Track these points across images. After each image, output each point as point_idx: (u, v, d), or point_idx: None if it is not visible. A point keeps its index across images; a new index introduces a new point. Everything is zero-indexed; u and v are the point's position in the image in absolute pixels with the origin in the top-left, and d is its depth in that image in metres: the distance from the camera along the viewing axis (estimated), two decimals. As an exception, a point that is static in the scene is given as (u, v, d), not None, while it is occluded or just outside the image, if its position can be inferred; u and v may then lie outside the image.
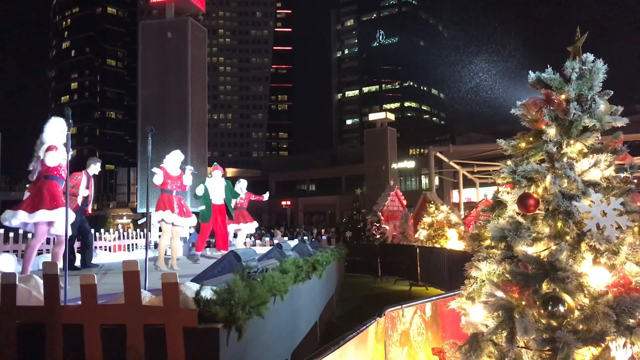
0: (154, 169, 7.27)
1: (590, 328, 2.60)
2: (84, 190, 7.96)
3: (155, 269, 7.06)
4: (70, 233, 5.23)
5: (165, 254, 7.89)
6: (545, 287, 2.72)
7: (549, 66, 3.11)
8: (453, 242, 14.24)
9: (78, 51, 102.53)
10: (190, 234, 15.75)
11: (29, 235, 10.37)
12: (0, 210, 5.60)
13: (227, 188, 9.39)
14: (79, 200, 7.92)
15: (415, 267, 13.35)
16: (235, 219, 10.51)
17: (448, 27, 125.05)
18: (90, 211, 8.44)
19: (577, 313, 2.66)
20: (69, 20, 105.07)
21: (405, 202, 24.20)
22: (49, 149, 5.46)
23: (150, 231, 6.46)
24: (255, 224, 11.25)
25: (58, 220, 5.38)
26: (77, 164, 8.14)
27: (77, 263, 8.33)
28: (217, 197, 9.23)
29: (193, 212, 8.02)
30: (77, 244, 8.63)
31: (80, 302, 3.27)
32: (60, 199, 5.46)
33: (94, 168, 8.18)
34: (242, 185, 11.17)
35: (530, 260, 2.79)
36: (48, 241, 10.72)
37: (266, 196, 11.67)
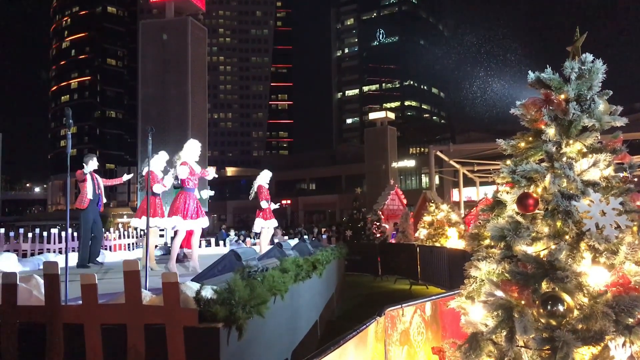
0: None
1: (590, 327, 2.61)
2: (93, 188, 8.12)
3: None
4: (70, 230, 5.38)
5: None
6: (544, 286, 2.72)
7: (548, 66, 3.11)
8: (453, 241, 14.24)
9: (78, 50, 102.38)
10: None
11: (29, 235, 10.41)
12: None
13: None
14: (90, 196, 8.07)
15: (416, 266, 13.35)
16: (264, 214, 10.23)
17: (448, 26, 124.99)
18: (102, 208, 8.48)
19: (576, 312, 2.67)
20: (69, 19, 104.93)
21: (405, 201, 24.21)
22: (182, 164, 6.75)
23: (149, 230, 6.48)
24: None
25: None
26: (76, 163, 8.17)
27: (99, 259, 8.51)
28: None
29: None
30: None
31: (80, 302, 3.28)
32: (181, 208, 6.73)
33: (92, 164, 8.20)
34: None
35: (529, 260, 2.80)
36: (48, 241, 10.73)
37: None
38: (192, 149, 6.98)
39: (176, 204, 6.77)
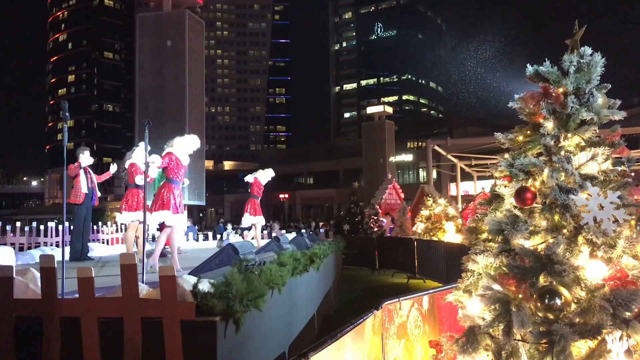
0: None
1: (587, 321, 2.61)
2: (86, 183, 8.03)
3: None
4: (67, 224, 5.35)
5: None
6: (542, 280, 2.72)
7: (547, 59, 3.10)
8: (450, 235, 14.26)
9: (75, 44, 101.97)
10: (188, 226, 15.74)
11: (26, 228, 10.38)
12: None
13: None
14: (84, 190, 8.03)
15: (413, 260, 13.37)
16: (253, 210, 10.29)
17: (446, 20, 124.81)
18: (96, 202, 8.42)
19: (573, 306, 2.67)
20: (66, 12, 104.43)
21: (403, 195, 24.21)
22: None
23: (146, 225, 6.44)
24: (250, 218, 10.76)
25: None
26: (73, 156, 8.11)
27: (90, 254, 8.44)
28: None
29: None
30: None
31: (77, 295, 3.27)
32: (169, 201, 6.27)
33: (85, 158, 8.10)
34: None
35: (527, 254, 2.80)
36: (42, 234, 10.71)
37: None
38: (188, 142, 6.57)
39: (164, 197, 6.26)
